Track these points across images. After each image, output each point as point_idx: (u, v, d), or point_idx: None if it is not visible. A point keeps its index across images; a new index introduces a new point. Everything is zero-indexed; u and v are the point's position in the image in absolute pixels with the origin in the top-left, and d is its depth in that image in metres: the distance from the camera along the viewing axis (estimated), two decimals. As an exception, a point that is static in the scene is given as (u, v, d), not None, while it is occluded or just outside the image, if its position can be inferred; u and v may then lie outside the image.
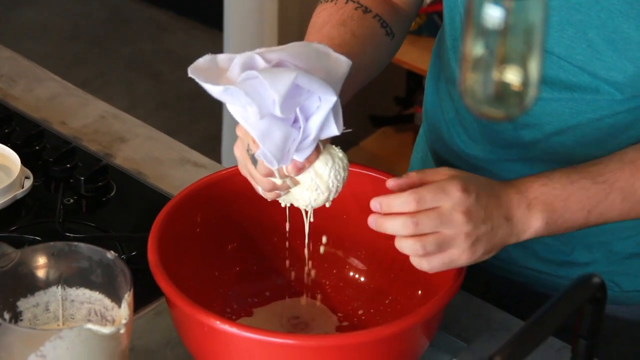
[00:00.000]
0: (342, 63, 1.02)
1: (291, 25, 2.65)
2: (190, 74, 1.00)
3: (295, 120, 1.00)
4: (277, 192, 1.06)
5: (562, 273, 1.23)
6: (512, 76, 0.64)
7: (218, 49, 2.87)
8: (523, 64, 0.64)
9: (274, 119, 0.99)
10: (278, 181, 1.04)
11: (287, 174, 1.03)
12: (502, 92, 0.65)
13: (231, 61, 1.01)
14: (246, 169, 1.07)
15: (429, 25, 2.52)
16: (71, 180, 1.38)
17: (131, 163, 1.43)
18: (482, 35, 0.63)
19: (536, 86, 0.65)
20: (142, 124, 1.51)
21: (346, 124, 1.03)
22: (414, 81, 2.73)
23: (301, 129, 1.00)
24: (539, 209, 1.04)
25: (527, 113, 1.12)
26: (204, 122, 3.02)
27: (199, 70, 1.01)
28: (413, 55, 2.46)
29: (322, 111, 0.99)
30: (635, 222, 1.15)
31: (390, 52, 1.21)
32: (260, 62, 1.00)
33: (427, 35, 2.50)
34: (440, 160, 1.29)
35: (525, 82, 0.64)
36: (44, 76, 1.60)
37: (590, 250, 1.21)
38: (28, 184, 1.34)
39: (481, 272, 1.27)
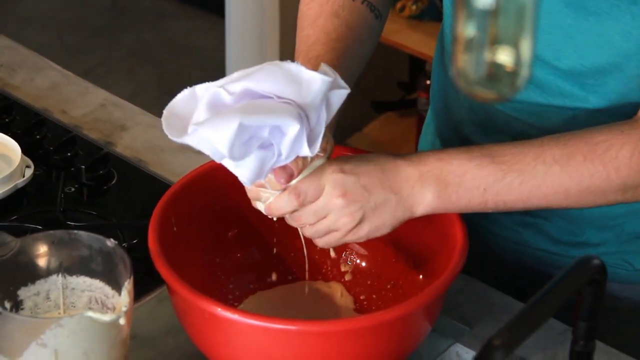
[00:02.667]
0: (317, 80, 0.99)
1: (293, 12, 2.64)
2: (162, 119, 1.01)
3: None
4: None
5: (574, 253, 1.23)
6: (504, 57, 0.64)
7: (220, 36, 2.87)
8: (515, 45, 0.64)
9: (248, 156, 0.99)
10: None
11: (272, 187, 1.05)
12: (495, 73, 0.65)
13: (205, 92, 1.01)
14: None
15: (431, 9, 2.51)
16: (72, 169, 1.38)
17: (132, 151, 1.43)
18: (474, 16, 0.63)
19: (528, 66, 0.65)
20: (142, 111, 1.51)
21: (348, 109, 1.03)
22: (417, 66, 2.73)
23: (275, 150, 1.00)
24: (430, 182, 1.04)
25: (529, 114, 1.14)
26: (207, 110, 3.01)
27: (174, 112, 1.01)
28: (415, 40, 2.45)
29: (288, 136, 0.99)
30: None
31: (379, 33, 1.22)
32: (225, 96, 0.99)
33: (428, 19, 2.50)
34: (449, 146, 1.28)
35: (517, 63, 0.64)
36: (44, 65, 1.60)
37: (601, 231, 1.21)
38: (29, 173, 1.34)
39: (493, 254, 1.27)
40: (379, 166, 1.04)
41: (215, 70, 1.02)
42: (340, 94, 1.02)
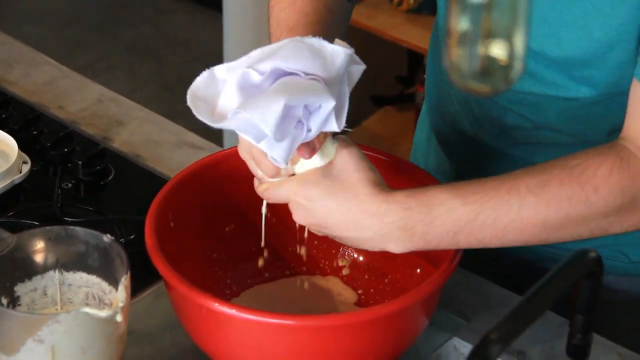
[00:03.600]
0: (340, 54, 0.99)
1: (290, 6, 2.64)
2: (189, 104, 1.00)
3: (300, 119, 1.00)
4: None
5: (570, 247, 1.22)
6: (497, 50, 0.63)
7: (218, 31, 2.87)
8: (508, 38, 0.63)
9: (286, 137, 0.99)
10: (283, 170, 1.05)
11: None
12: (488, 67, 0.64)
13: (229, 73, 1.00)
14: (249, 154, 1.06)
15: (429, 3, 2.51)
16: (69, 165, 1.38)
17: (129, 146, 1.43)
18: (467, 9, 0.63)
19: (522, 60, 0.64)
20: (139, 107, 1.51)
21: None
22: (415, 60, 2.73)
23: (304, 127, 0.99)
24: (394, 234, 1.01)
25: (523, 105, 1.14)
26: (206, 105, 3.01)
27: (197, 96, 1.00)
28: (413, 34, 2.45)
29: (322, 112, 0.99)
30: None
31: (349, 16, 1.21)
32: (255, 76, 0.99)
33: (426, 13, 2.50)
34: (444, 140, 1.28)
35: (511, 56, 0.64)
36: (41, 60, 1.60)
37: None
38: (26, 168, 1.34)
39: (490, 249, 1.27)
40: (341, 206, 1.02)
41: (213, 64, 1.02)
42: (358, 69, 1.02)
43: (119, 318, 0.98)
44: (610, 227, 1.03)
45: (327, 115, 0.99)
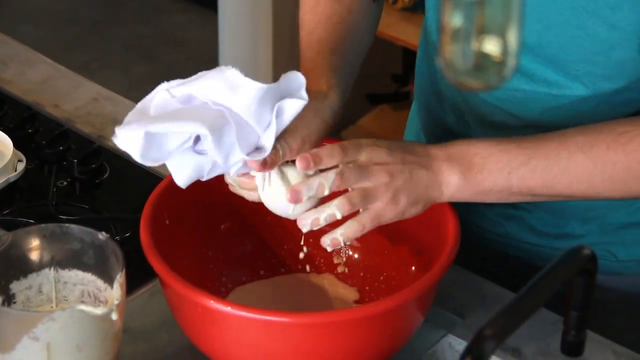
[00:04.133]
0: (251, 88, 1.00)
1: (285, 6, 2.64)
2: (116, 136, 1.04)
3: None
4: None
5: (558, 245, 1.23)
6: (491, 46, 0.64)
7: (213, 29, 2.87)
8: (502, 34, 0.63)
9: (180, 155, 1.02)
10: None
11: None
12: (482, 63, 0.65)
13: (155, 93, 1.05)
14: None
15: (424, 1, 2.51)
16: (64, 163, 1.38)
17: (124, 145, 1.42)
18: (460, 6, 0.63)
19: (515, 56, 0.65)
20: (134, 105, 1.50)
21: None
22: (410, 58, 2.73)
23: (209, 157, 1.02)
24: (456, 162, 1.05)
25: (512, 102, 1.14)
26: (201, 104, 3.01)
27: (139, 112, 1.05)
28: (408, 32, 2.45)
29: (207, 143, 1.00)
30: None
31: (378, 17, 1.23)
32: (169, 98, 1.03)
33: (421, 11, 2.50)
34: (432, 138, 1.29)
35: (504, 52, 0.64)
36: (36, 59, 1.60)
37: (584, 222, 1.21)
38: (21, 167, 1.34)
39: (478, 247, 1.27)
40: (408, 146, 1.05)
41: (209, 64, 1.02)
42: (295, 104, 1.02)
43: (114, 316, 0.98)
44: None
45: (216, 144, 1.00)
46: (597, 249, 1.20)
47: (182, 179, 1.03)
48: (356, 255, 1.21)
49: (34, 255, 1.05)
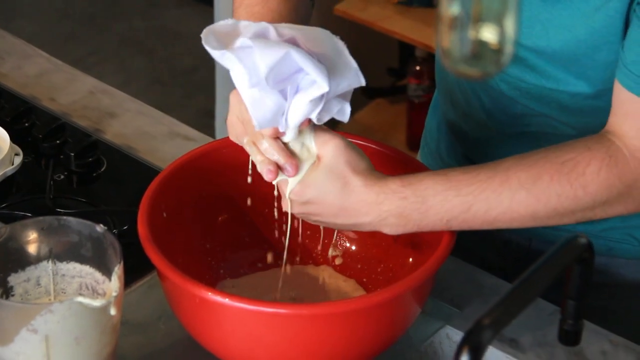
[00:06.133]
0: (352, 68, 1.01)
1: None
2: (202, 35, 1.01)
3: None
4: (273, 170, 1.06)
5: (580, 229, 1.22)
6: (488, 34, 0.64)
7: (209, 24, 2.87)
8: (499, 22, 0.64)
9: (267, 89, 1.00)
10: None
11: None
12: (479, 51, 0.65)
13: (250, 26, 1.02)
14: (240, 118, 1.07)
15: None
16: (61, 157, 1.38)
17: (121, 138, 1.43)
18: (458, -6, 0.63)
19: (512, 44, 0.65)
20: (131, 98, 1.51)
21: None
22: (407, 52, 2.73)
23: (289, 103, 1.01)
24: (390, 220, 1.05)
25: (530, 97, 1.14)
26: (198, 98, 3.01)
27: (214, 32, 1.02)
28: (404, 26, 2.45)
29: (311, 93, 1.00)
30: None
31: (309, 17, 1.23)
32: (273, 33, 1.01)
33: (417, 5, 2.49)
34: (454, 127, 1.29)
35: (501, 40, 0.64)
36: (32, 53, 1.60)
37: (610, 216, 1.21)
38: (18, 160, 1.34)
39: (501, 231, 1.27)
40: (338, 200, 1.05)
41: (205, 57, 1.02)
42: (346, 113, 1.04)
43: (112, 308, 0.98)
44: (594, 216, 1.07)
45: (315, 99, 0.99)
46: (619, 233, 1.21)
47: (261, 117, 1.01)
48: (353, 247, 1.21)
49: (32, 248, 1.05)
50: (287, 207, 1.08)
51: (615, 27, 1.05)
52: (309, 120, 1.03)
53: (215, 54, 1.01)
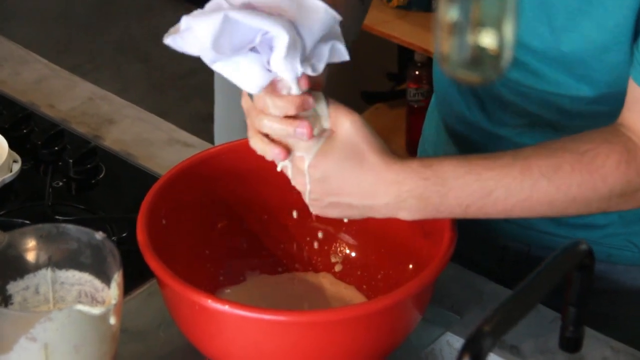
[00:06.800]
0: (320, 10, 0.98)
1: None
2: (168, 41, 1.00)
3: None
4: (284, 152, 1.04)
5: (580, 235, 1.22)
6: (487, 39, 0.64)
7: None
8: (498, 27, 0.64)
9: (230, 56, 0.97)
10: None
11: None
12: (478, 56, 0.65)
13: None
14: (255, 110, 1.04)
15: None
16: (60, 163, 1.37)
17: (120, 144, 1.43)
18: (456, -1, 0.63)
19: (511, 49, 0.65)
20: (130, 105, 1.51)
21: (338, 100, 1.03)
22: (406, 56, 2.73)
23: (266, 57, 0.98)
24: (409, 202, 1.02)
25: (531, 102, 1.14)
26: (196, 103, 3.01)
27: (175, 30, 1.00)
28: (403, 30, 2.45)
29: (279, 48, 0.96)
30: None
31: (362, 18, 1.21)
32: (225, 5, 0.98)
33: (416, 9, 2.49)
34: (454, 131, 1.29)
35: (500, 45, 0.64)
36: (31, 59, 1.60)
37: (607, 212, 1.21)
38: (16, 167, 1.33)
39: (499, 238, 1.27)
40: (357, 176, 1.02)
41: (202, 62, 1.02)
42: (342, 51, 1.00)
43: (111, 315, 0.98)
44: (608, 208, 1.07)
45: (285, 52, 0.96)
46: (619, 239, 1.21)
47: (248, 81, 0.98)
48: (353, 254, 1.21)
49: (31, 256, 1.05)
50: (303, 185, 1.03)
51: (627, 26, 1.04)
52: (307, 78, 1.00)
53: (169, 44, 0.99)
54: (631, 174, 1.04)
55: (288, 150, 1.02)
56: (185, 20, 0.97)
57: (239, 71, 0.98)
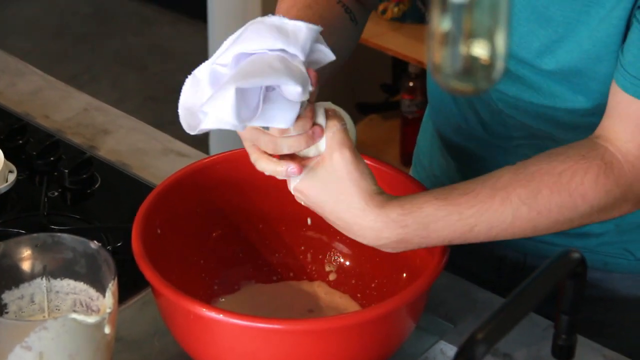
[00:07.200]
0: (302, 28, 1.00)
1: (275, 15, 2.64)
2: (181, 120, 1.01)
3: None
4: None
5: (576, 244, 1.23)
6: (479, 50, 0.64)
7: (203, 41, 2.88)
8: (490, 38, 0.64)
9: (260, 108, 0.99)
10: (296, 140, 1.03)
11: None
12: (471, 66, 0.65)
13: (203, 72, 1.01)
14: (254, 146, 1.05)
15: (413, 12, 2.52)
16: (55, 174, 1.38)
17: (115, 155, 1.43)
18: (449, 10, 0.63)
19: (503, 59, 0.65)
20: (125, 115, 1.51)
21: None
22: (400, 68, 2.74)
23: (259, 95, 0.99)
24: (391, 245, 1.04)
25: (527, 115, 1.15)
26: (192, 115, 3.02)
27: (186, 107, 1.01)
28: (398, 42, 2.46)
29: (291, 94, 0.99)
30: None
31: (355, 38, 1.21)
32: (221, 69, 1.00)
33: (410, 22, 2.50)
34: (448, 142, 1.29)
35: (492, 55, 0.65)
36: (26, 70, 1.60)
37: (603, 221, 1.21)
38: (12, 177, 1.34)
39: (495, 247, 1.27)
40: (334, 212, 1.03)
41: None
42: (326, 54, 1.02)
43: (106, 324, 0.98)
44: (591, 222, 1.08)
45: (298, 95, 0.98)
46: (615, 248, 1.21)
47: (288, 120, 0.99)
48: (347, 263, 1.22)
49: (26, 265, 1.05)
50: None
51: (618, 36, 1.05)
52: (317, 74, 1.01)
53: (193, 133, 1.01)
54: (610, 184, 1.04)
55: (300, 167, 1.03)
56: (201, 110, 0.99)
57: (269, 117, 0.99)
